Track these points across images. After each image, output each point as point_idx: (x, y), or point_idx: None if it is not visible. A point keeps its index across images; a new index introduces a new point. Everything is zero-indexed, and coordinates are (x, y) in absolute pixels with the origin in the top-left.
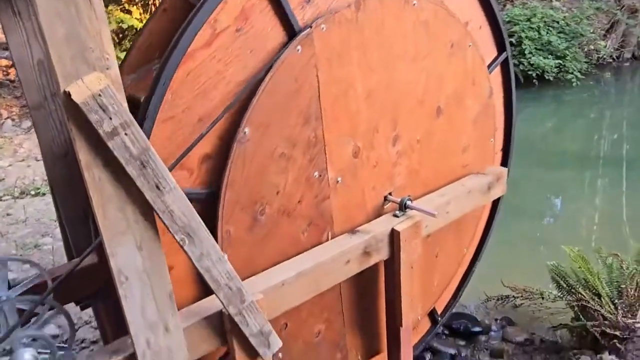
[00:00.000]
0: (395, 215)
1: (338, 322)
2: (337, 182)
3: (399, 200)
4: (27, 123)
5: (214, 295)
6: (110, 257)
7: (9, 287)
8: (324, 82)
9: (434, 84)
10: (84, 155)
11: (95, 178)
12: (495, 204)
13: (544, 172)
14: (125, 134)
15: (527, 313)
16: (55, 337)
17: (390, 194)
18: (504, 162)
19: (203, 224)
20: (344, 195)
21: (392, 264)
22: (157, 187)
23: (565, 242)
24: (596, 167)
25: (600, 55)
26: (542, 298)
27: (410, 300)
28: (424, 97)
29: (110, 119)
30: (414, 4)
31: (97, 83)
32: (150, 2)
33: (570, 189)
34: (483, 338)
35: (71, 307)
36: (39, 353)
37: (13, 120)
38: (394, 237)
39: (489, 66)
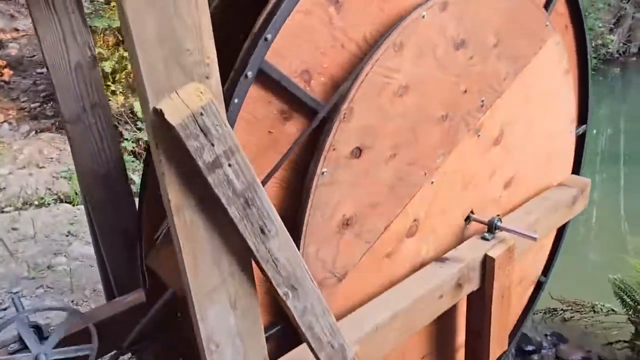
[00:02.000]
0: (485, 239)
1: None
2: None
3: (486, 220)
4: (26, 127)
5: (302, 349)
6: (199, 322)
7: (42, 338)
8: None
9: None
10: (175, 194)
11: (187, 222)
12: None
13: None
14: (229, 164)
15: (578, 328)
16: None
17: (471, 212)
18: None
19: (307, 269)
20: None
21: (482, 295)
22: (262, 231)
23: (614, 251)
24: (615, 164)
25: (609, 50)
26: (594, 311)
27: (499, 334)
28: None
29: (213, 145)
30: None
31: (196, 98)
32: None
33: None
34: (536, 357)
35: None
36: None
37: (10, 124)
38: (486, 264)
39: None
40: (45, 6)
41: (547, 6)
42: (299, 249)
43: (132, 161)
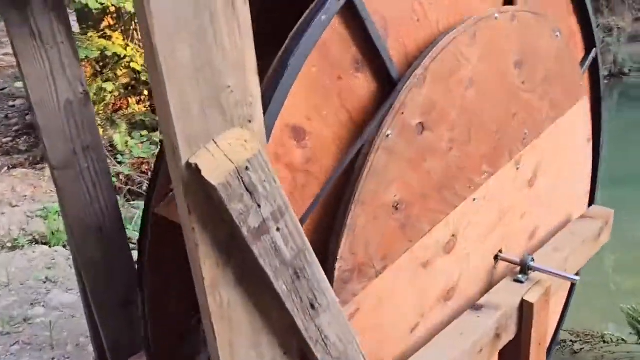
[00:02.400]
0: (518, 281)
1: None
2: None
3: (518, 260)
4: None
5: None
6: None
7: None
8: None
9: None
10: (210, 269)
11: (224, 303)
12: None
13: None
14: (278, 228)
15: None
16: None
17: (500, 251)
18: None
19: (359, 346)
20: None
21: (518, 343)
22: (312, 306)
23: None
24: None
25: None
26: (604, 342)
27: None
28: None
29: (259, 207)
30: None
31: (241, 149)
32: (131, 28)
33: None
34: None
35: None
36: None
37: None
38: (523, 310)
39: None
40: (30, 37)
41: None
42: (345, 220)
43: None
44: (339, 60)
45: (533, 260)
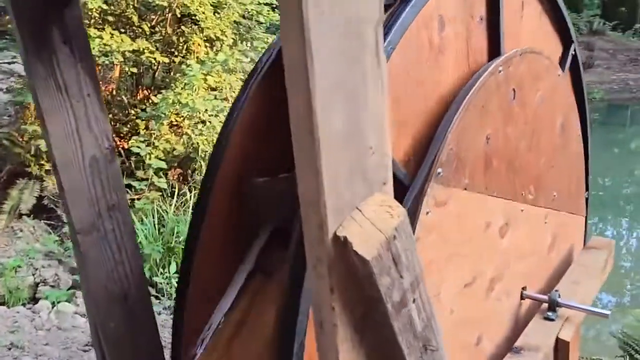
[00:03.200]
0: (549, 319)
1: None
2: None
3: (545, 297)
4: None
5: None
6: None
7: None
8: None
9: None
10: (348, 351)
11: None
12: None
13: None
14: (414, 299)
15: None
16: None
17: (524, 288)
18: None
19: None
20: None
21: None
22: None
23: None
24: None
25: None
26: None
27: None
28: None
29: (402, 277)
30: None
31: (387, 216)
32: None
33: None
34: None
35: None
36: None
37: None
38: (559, 349)
39: None
40: (56, 91)
41: None
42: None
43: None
44: None
45: (559, 295)
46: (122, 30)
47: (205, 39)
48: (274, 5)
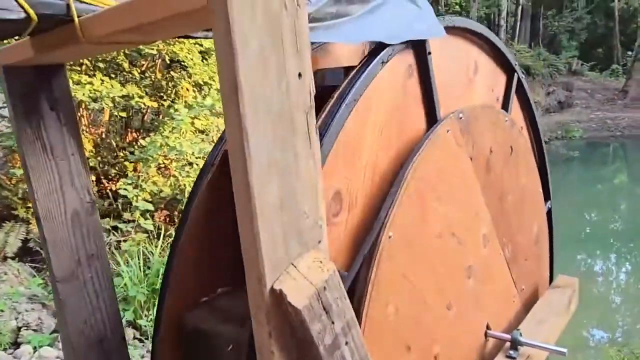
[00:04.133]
0: (511, 357)
1: None
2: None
3: (508, 336)
4: None
5: None
6: None
7: None
8: None
9: None
10: None
11: None
12: None
13: None
14: (346, 342)
15: None
16: None
17: (488, 327)
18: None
19: None
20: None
21: None
22: None
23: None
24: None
25: None
26: None
27: None
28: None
29: (333, 323)
30: None
31: (318, 270)
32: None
33: None
34: None
35: None
36: None
37: None
38: None
39: None
40: (42, 151)
41: None
42: None
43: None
44: None
45: (521, 334)
46: (113, 75)
47: (193, 84)
48: None
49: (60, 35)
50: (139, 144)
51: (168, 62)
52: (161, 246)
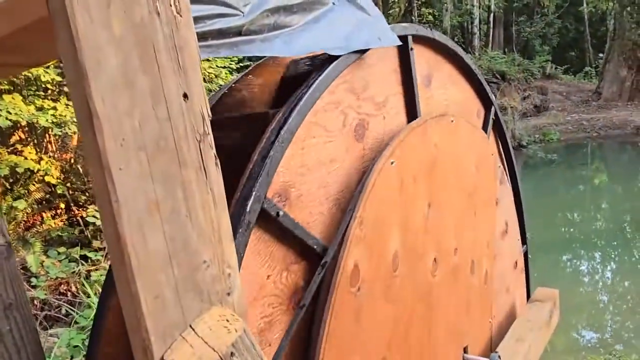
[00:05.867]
0: None
1: None
2: None
3: (487, 359)
4: None
5: None
6: None
7: None
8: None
9: None
10: None
11: None
12: None
13: None
14: None
15: None
16: None
17: (465, 350)
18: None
19: None
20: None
21: None
22: None
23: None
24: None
25: None
26: None
27: None
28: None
29: None
30: None
31: (223, 331)
32: (45, 141)
33: None
34: None
35: None
36: None
37: None
38: None
39: None
40: None
41: None
42: None
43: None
44: None
45: (499, 357)
46: None
47: None
48: (231, 69)
49: None
50: None
51: None
52: None
